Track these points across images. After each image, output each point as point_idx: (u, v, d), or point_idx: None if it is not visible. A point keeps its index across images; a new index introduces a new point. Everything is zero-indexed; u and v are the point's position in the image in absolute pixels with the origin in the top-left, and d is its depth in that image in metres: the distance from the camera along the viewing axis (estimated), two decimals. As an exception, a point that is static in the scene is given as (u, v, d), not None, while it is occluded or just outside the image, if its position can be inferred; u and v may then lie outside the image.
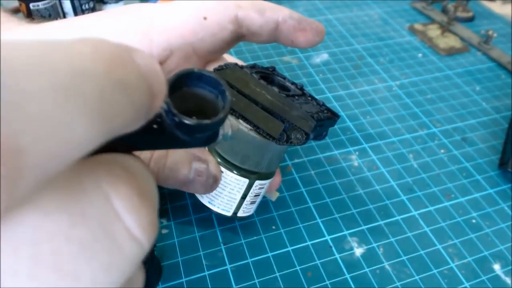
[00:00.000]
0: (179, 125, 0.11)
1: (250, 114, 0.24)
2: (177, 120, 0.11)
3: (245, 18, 0.26)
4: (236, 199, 0.26)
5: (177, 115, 0.11)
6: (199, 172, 0.24)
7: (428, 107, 0.41)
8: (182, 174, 0.24)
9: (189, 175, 0.24)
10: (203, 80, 0.12)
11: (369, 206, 0.31)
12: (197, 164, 0.24)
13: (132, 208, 0.09)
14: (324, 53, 0.47)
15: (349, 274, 0.27)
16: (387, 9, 0.56)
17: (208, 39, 0.26)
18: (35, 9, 0.40)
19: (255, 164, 0.25)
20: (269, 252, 0.28)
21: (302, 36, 0.27)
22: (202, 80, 0.12)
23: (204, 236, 0.28)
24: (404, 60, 0.47)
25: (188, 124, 0.11)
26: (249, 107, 0.24)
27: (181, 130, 0.11)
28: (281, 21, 0.27)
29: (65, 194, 0.08)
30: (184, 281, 0.26)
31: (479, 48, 0.49)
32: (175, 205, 0.30)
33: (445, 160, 0.35)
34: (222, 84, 0.12)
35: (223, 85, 0.12)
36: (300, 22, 0.27)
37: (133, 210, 0.09)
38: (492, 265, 0.28)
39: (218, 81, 0.12)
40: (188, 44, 0.26)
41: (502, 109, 0.41)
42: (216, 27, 0.26)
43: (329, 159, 0.35)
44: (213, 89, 0.12)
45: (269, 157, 0.25)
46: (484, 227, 0.30)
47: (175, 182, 0.24)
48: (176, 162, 0.24)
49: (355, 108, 0.40)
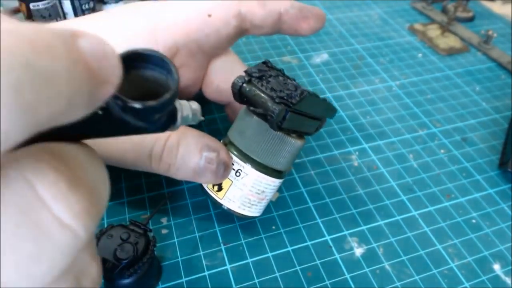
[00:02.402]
0: (125, 109, 0.10)
1: None
2: (121, 104, 0.10)
3: (248, 12, 0.26)
4: (268, 200, 0.27)
5: (120, 97, 0.10)
6: (210, 160, 0.24)
7: (428, 107, 0.41)
8: (194, 162, 0.24)
9: (200, 163, 0.24)
10: (150, 61, 0.11)
11: (369, 206, 0.31)
12: (207, 152, 0.24)
13: (60, 196, 0.09)
14: (324, 53, 0.47)
15: (349, 274, 0.27)
16: (387, 9, 0.56)
17: (212, 35, 0.26)
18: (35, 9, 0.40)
19: (286, 164, 0.26)
20: (269, 252, 0.28)
21: (305, 24, 0.27)
22: (149, 61, 0.11)
23: (204, 236, 0.28)
24: (404, 60, 0.47)
25: (133, 107, 0.10)
26: None
27: (129, 114, 0.11)
28: (283, 12, 0.27)
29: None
30: (184, 281, 0.26)
31: (479, 48, 0.49)
32: (175, 205, 0.30)
33: (445, 160, 0.35)
34: (168, 63, 0.11)
35: (170, 63, 0.11)
36: (301, 11, 0.27)
37: (60, 198, 0.09)
38: (492, 265, 0.28)
39: (164, 60, 0.11)
40: (193, 41, 0.26)
41: (502, 109, 0.41)
42: (220, 23, 0.26)
43: (329, 159, 0.35)
44: (161, 69, 0.12)
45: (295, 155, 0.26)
46: (484, 227, 0.30)
47: (186, 171, 0.24)
48: (188, 151, 0.24)
49: (355, 108, 0.40)
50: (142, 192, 0.31)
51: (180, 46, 0.26)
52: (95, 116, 0.10)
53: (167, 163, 0.24)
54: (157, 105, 0.11)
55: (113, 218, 0.29)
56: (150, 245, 0.24)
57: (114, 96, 0.10)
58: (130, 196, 0.30)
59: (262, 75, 0.24)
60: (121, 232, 0.23)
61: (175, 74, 0.11)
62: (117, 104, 0.10)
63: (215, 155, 0.24)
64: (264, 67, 0.24)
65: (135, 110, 0.10)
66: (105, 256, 0.22)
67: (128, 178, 0.31)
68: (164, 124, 0.13)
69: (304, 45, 0.48)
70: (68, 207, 0.09)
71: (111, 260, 0.22)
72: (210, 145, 0.24)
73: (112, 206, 0.30)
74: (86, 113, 0.09)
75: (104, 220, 0.29)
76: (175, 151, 0.24)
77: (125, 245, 0.23)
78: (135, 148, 0.24)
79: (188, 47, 0.26)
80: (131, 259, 0.22)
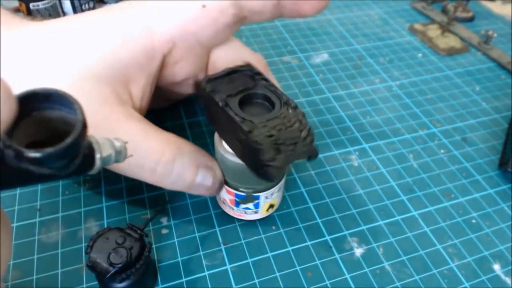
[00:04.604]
0: (20, 158, 0.09)
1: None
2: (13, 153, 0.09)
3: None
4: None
5: (11, 146, 0.09)
6: (205, 177, 0.24)
7: (428, 107, 0.41)
8: (189, 178, 0.24)
9: (196, 180, 0.24)
10: (53, 100, 0.10)
11: (369, 206, 0.31)
12: (203, 170, 0.24)
13: None
14: (324, 53, 0.47)
15: (349, 274, 0.27)
16: (387, 9, 0.56)
17: (210, 25, 0.25)
18: (35, 9, 0.40)
19: None
20: (269, 252, 0.28)
21: (307, 4, 0.26)
22: (52, 100, 0.10)
23: (204, 236, 0.28)
24: (404, 60, 0.47)
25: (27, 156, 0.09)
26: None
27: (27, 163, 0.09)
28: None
29: None
30: (184, 281, 0.26)
31: (479, 48, 0.49)
32: (175, 205, 0.30)
33: (445, 160, 0.35)
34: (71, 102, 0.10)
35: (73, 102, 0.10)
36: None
37: None
38: (492, 265, 0.28)
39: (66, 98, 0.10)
40: (191, 33, 0.26)
41: (502, 109, 0.41)
42: (216, 12, 0.25)
43: (329, 159, 0.35)
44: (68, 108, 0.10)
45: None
46: (484, 227, 0.30)
47: (181, 186, 0.25)
48: (184, 168, 0.24)
49: (355, 108, 0.40)
50: (142, 192, 0.31)
51: (177, 39, 0.25)
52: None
53: (161, 177, 0.24)
54: (56, 152, 0.09)
55: (113, 218, 0.29)
56: (145, 251, 0.23)
57: (6, 145, 0.09)
58: (130, 196, 0.30)
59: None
60: (117, 236, 0.23)
61: (79, 114, 0.10)
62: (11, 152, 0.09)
63: (212, 174, 0.25)
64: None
65: (32, 159, 0.09)
66: (99, 260, 0.22)
67: (128, 178, 0.31)
68: (78, 168, 0.11)
69: (304, 45, 0.48)
70: None
71: (104, 264, 0.22)
72: (206, 163, 0.25)
73: (112, 206, 0.30)
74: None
75: (104, 220, 0.29)
76: (170, 167, 0.24)
77: (120, 250, 0.23)
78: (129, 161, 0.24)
79: (185, 40, 0.26)
80: (124, 264, 0.22)
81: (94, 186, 0.31)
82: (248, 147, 0.21)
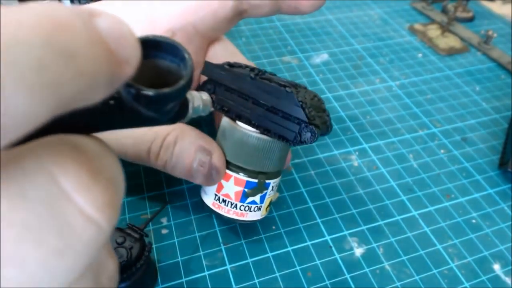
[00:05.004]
0: (137, 98, 0.10)
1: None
2: (133, 92, 0.10)
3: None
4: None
5: (133, 86, 0.10)
6: (202, 163, 0.24)
7: (428, 107, 0.41)
8: (187, 162, 0.24)
9: (193, 165, 0.24)
10: (162, 49, 0.11)
11: (369, 206, 0.31)
12: (201, 154, 0.24)
13: (83, 188, 0.08)
14: (324, 53, 0.47)
15: (349, 274, 0.27)
16: (387, 9, 0.56)
17: (209, 17, 0.26)
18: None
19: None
20: (269, 252, 0.28)
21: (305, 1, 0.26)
22: (160, 49, 0.11)
23: (204, 236, 0.28)
24: (404, 60, 0.47)
25: (146, 95, 0.10)
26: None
27: (141, 103, 0.10)
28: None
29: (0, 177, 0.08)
30: (184, 281, 0.26)
31: (479, 48, 0.49)
32: (175, 205, 0.30)
33: (445, 160, 0.35)
34: (181, 50, 0.11)
35: (183, 50, 0.11)
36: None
37: (83, 190, 0.08)
38: (492, 265, 0.28)
39: (177, 46, 0.11)
40: (190, 24, 0.26)
41: (502, 109, 0.41)
42: (216, 4, 0.26)
43: (329, 159, 0.35)
44: (174, 57, 0.11)
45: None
46: (484, 227, 0.30)
47: (181, 170, 0.25)
48: (183, 151, 0.24)
49: (355, 108, 0.40)
50: (142, 192, 0.31)
51: (176, 29, 0.26)
52: (107, 106, 0.10)
53: (164, 160, 0.24)
54: (171, 93, 0.10)
55: (113, 218, 0.29)
56: (145, 251, 0.23)
57: (127, 84, 0.10)
58: (130, 196, 0.30)
59: None
60: (117, 236, 0.23)
61: (188, 61, 0.11)
62: (130, 92, 0.10)
63: (208, 159, 0.24)
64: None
65: (148, 98, 0.10)
66: None
67: (128, 178, 0.31)
68: (175, 115, 0.12)
69: (304, 45, 0.48)
70: (92, 200, 0.09)
71: None
72: (205, 148, 0.24)
73: (112, 206, 0.30)
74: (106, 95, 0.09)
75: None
76: (171, 149, 0.24)
77: (119, 250, 0.23)
78: (136, 144, 0.24)
79: (184, 30, 0.26)
80: (124, 264, 0.22)
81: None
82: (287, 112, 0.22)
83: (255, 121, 0.24)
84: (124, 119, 0.11)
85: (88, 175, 0.09)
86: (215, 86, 0.25)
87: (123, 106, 0.10)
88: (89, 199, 0.09)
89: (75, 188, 0.08)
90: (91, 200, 0.09)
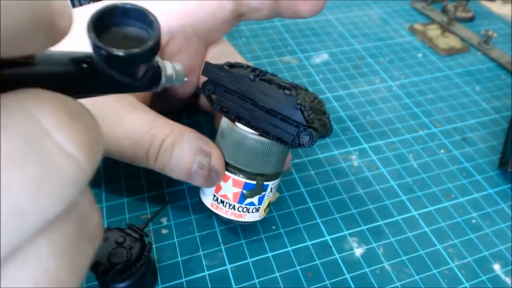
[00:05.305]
0: (108, 59, 0.10)
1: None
2: (104, 54, 0.10)
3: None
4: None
5: (103, 48, 0.10)
6: (201, 165, 0.24)
7: (428, 107, 0.41)
8: (186, 165, 0.24)
9: (193, 167, 0.24)
10: (130, 16, 0.11)
11: (369, 206, 0.31)
12: (200, 157, 0.24)
13: (62, 127, 0.09)
14: (324, 53, 0.47)
15: (349, 274, 0.27)
16: (387, 9, 0.56)
17: (208, 19, 0.26)
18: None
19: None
20: (269, 252, 0.28)
21: (304, 4, 0.26)
22: (129, 16, 0.11)
23: (204, 236, 0.28)
24: (404, 60, 0.47)
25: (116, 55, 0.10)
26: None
27: (112, 65, 0.11)
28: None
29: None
30: (184, 281, 0.26)
31: (479, 48, 0.49)
32: (175, 205, 0.30)
33: (445, 160, 0.35)
34: (148, 14, 0.11)
35: (150, 14, 0.11)
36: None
37: (63, 129, 0.09)
38: (492, 265, 0.28)
39: (144, 12, 0.11)
40: (188, 25, 0.26)
41: (502, 109, 0.41)
42: (215, 6, 0.25)
43: (329, 159, 0.35)
44: (142, 23, 0.12)
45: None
46: (484, 227, 0.30)
47: (180, 173, 0.24)
48: (182, 153, 0.24)
49: (355, 108, 0.40)
50: (142, 192, 0.31)
51: (175, 31, 0.26)
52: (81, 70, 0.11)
53: (162, 163, 0.24)
54: (140, 53, 0.11)
55: (113, 218, 0.29)
56: (145, 251, 0.23)
57: (97, 46, 0.10)
58: (130, 196, 0.30)
59: None
60: (117, 236, 0.23)
61: (156, 24, 0.11)
62: (101, 54, 0.10)
63: (207, 161, 0.24)
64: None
65: (119, 59, 0.10)
66: (99, 259, 0.22)
67: (128, 178, 0.31)
68: (149, 81, 0.13)
69: (304, 45, 0.48)
70: (71, 138, 0.09)
71: (105, 264, 0.22)
72: (204, 150, 0.24)
73: (112, 206, 0.30)
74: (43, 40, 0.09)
75: (104, 220, 0.29)
76: (169, 152, 0.24)
77: (120, 250, 0.23)
78: (133, 146, 0.24)
79: (183, 32, 0.26)
80: (124, 264, 0.22)
81: (94, 186, 0.31)
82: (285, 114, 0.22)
83: (254, 122, 0.24)
84: (99, 84, 0.11)
85: (67, 116, 0.09)
86: (215, 87, 0.25)
87: (97, 70, 0.11)
88: (68, 137, 0.09)
89: (55, 127, 0.09)
90: (70, 138, 0.09)
